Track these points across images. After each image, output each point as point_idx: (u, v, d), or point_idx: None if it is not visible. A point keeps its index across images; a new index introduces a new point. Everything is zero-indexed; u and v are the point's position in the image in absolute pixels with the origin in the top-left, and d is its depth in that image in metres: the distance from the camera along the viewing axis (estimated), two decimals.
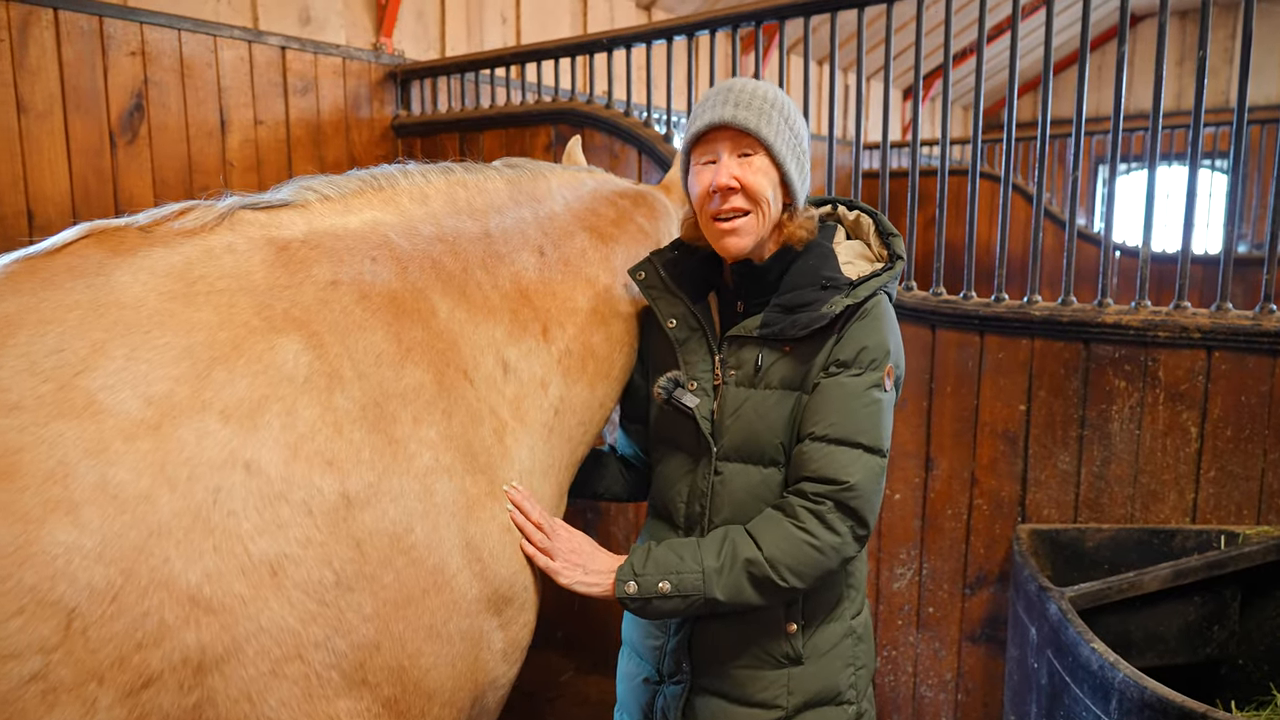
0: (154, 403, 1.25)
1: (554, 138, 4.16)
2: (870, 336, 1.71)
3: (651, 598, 1.66)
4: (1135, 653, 2.40)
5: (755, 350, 1.78)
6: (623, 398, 2.07)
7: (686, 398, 1.81)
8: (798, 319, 1.71)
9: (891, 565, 3.18)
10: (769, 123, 1.71)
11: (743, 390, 1.78)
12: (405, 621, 1.40)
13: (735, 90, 1.74)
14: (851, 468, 1.65)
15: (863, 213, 1.92)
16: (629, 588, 1.66)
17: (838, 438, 1.67)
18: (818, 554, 1.64)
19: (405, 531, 1.41)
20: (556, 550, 1.67)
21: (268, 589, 1.27)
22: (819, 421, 1.69)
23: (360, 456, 1.39)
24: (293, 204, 1.60)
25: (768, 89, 1.76)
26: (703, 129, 1.73)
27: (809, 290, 1.74)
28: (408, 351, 1.53)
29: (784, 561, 1.64)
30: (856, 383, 1.69)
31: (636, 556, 1.71)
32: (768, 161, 1.73)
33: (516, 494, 1.64)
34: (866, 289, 1.73)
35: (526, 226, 1.91)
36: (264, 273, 1.45)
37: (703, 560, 1.66)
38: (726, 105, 1.71)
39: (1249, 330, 2.48)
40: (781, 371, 1.76)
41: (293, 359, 1.39)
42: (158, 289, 1.35)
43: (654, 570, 1.67)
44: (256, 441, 1.30)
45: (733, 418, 1.78)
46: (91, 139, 3.60)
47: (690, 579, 1.65)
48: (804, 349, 1.74)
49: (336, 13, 4.61)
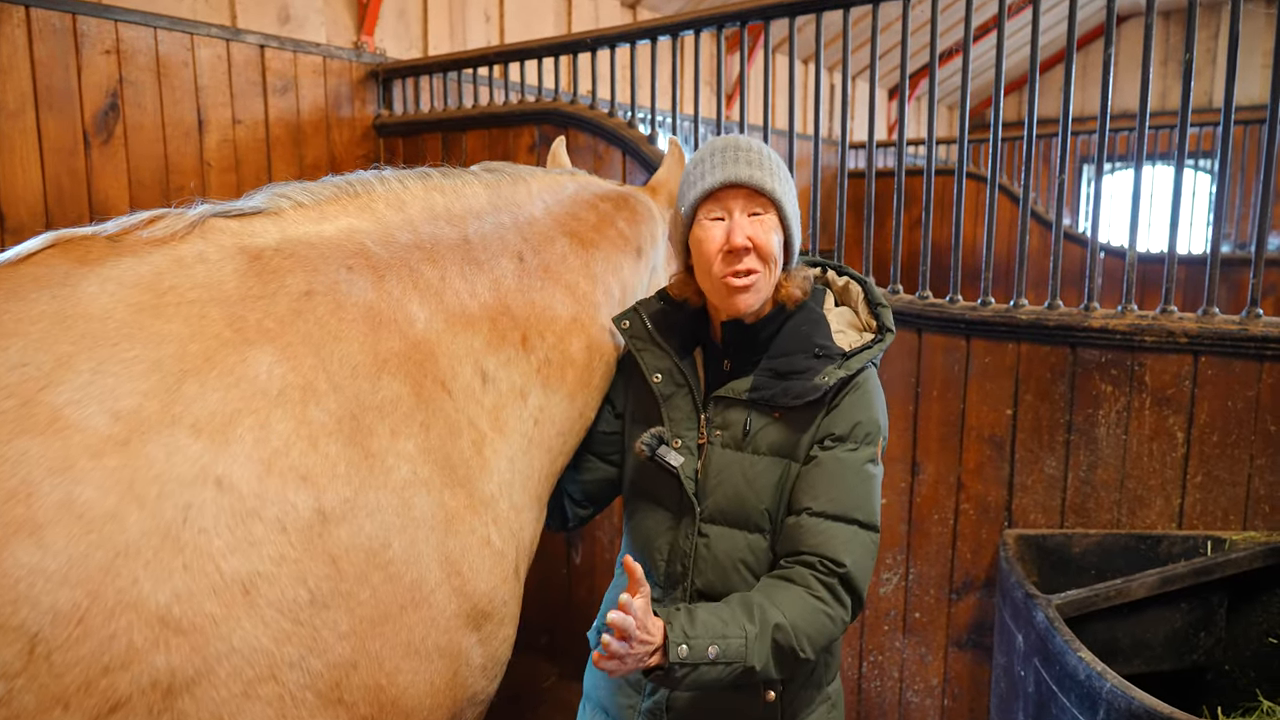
0: (122, 418, 1.21)
1: (537, 138, 4.12)
2: (864, 411, 1.71)
3: (700, 663, 1.51)
4: (1122, 660, 2.39)
5: (743, 413, 1.75)
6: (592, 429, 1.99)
7: (671, 456, 1.77)
8: (790, 387, 1.69)
9: (878, 570, 3.17)
10: (780, 182, 1.72)
11: (729, 453, 1.75)
12: (382, 639, 1.37)
13: (743, 148, 1.73)
14: (851, 545, 1.65)
15: (851, 279, 1.91)
16: (681, 650, 1.49)
17: (836, 514, 1.66)
18: (831, 624, 1.63)
19: (382, 547, 1.38)
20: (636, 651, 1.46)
21: (240, 608, 1.23)
22: (818, 496, 1.67)
23: (336, 471, 1.36)
24: (266, 211, 1.56)
25: (768, 149, 1.77)
26: (715, 186, 1.71)
27: (800, 357, 1.73)
28: (384, 363, 1.50)
29: (806, 632, 1.60)
30: (854, 458, 1.69)
31: (681, 618, 1.54)
32: (776, 221, 1.73)
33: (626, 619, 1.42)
34: (859, 361, 1.72)
35: (506, 232, 1.88)
36: (236, 283, 1.41)
37: (743, 626, 1.55)
38: (739, 164, 1.70)
39: (1235, 335, 2.47)
40: (771, 438, 1.73)
41: (266, 371, 1.35)
42: (126, 300, 1.31)
43: (704, 634, 1.52)
44: (228, 457, 1.27)
45: (717, 480, 1.75)
46: (65, 139, 3.53)
47: (735, 644, 1.53)
48: (794, 417, 1.72)
49: (316, 10, 4.56)
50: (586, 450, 2.01)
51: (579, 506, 2.03)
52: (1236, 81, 2.57)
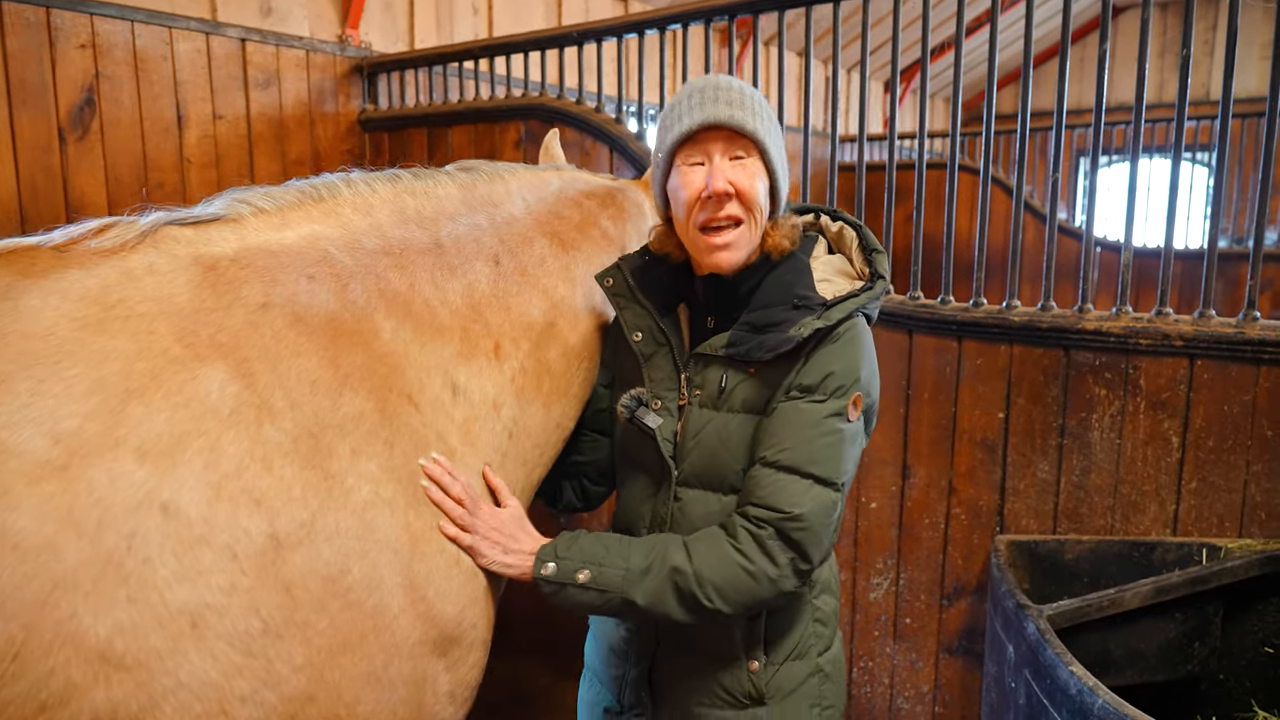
0: (61, 441, 1.15)
1: (523, 134, 4.05)
2: (838, 361, 1.60)
3: (567, 584, 1.56)
4: (1115, 671, 2.34)
5: (720, 370, 1.67)
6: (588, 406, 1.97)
7: (649, 417, 1.71)
8: (764, 340, 1.60)
9: (868, 575, 3.12)
10: (763, 122, 1.60)
11: (706, 412, 1.68)
12: (342, 669, 1.31)
13: (723, 88, 1.61)
14: (801, 498, 1.55)
15: (846, 225, 1.79)
16: (546, 569, 1.57)
17: (789, 465, 1.56)
18: (751, 580, 1.54)
19: (341, 573, 1.32)
20: (477, 527, 1.55)
21: (187, 641, 1.17)
22: (772, 446, 1.58)
23: (291, 494, 1.30)
24: (225, 218, 1.49)
25: (751, 88, 1.65)
26: (693, 128, 1.59)
27: (779, 309, 1.62)
28: (346, 378, 1.43)
29: (712, 580, 1.54)
30: (816, 410, 1.58)
31: (562, 540, 1.61)
32: (761, 165, 1.62)
33: (435, 468, 1.52)
34: (840, 311, 1.61)
35: (482, 234, 1.80)
36: (189, 295, 1.34)
37: (629, 559, 1.57)
38: (719, 104, 1.58)
39: (1232, 338, 2.42)
40: (744, 394, 1.65)
41: (218, 389, 1.29)
42: (69, 315, 1.24)
43: (577, 556, 1.58)
44: (175, 481, 1.20)
45: (694, 441, 1.68)
46: (39, 135, 3.46)
47: (612, 574, 1.56)
48: (770, 371, 1.63)
49: (299, 3, 4.48)
50: (589, 429, 1.97)
51: (595, 484, 2.00)
52: (1234, 75, 2.51)
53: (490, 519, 1.58)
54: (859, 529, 3.11)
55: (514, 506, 1.66)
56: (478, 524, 1.56)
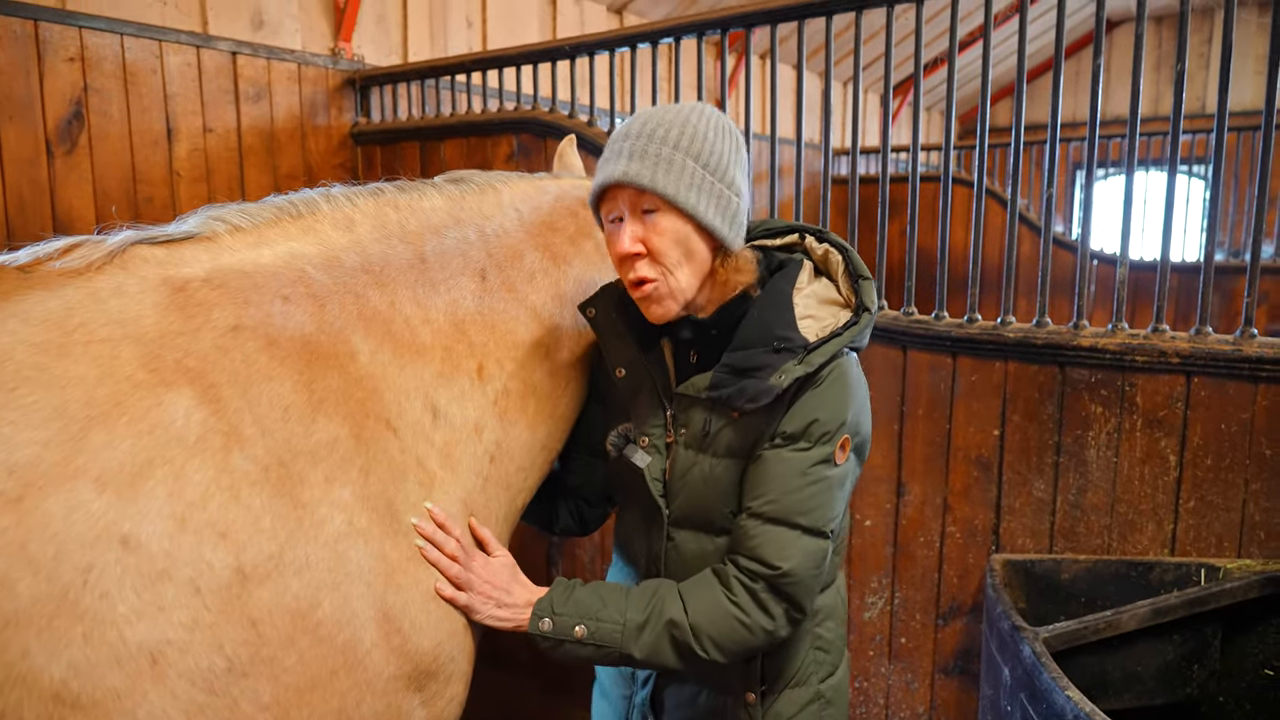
0: (16, 472, 1.11)
1: (516, 147, 4.02)
2: (823, 408, 1.54)
3: (565, 640, 1.54)
4: (1113, 694, 2.30)
5: (704, 413, 1.62)
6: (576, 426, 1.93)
7: (637, 455, 1.67)
8: (745, 387, 1.53)
9: (863, 594, 3.07)
10: (669, 171, 1.50)
11: (691, 454, 1.64)
12: (310, 708, 1.27)
13: (634, 134, 1.53)
14: (788, 550, 1.51)
15: (832, 248, 1.69)
16: (543, 624, 1.55)
17: (775, 516, 1.52)
18: (746, 632, 1.52)
19: (311, 607, 1.28)
20: (472, 583, 1.53)
21: (146, 680, 1.13)
22: (758, 496, 1.54)
23: (259, 525, 1.25)
24: (198, 237, 1.45)
25: (677, 121, 1.54)
26: (600, 187, 1.56)
27: (760, 351, 1.55)
28: (320, 403, 1.39)
29: (708, 632, 1.51)
30: (802, 459, 1.53)
31: (558, 592, 1.58)
32: (676, 218, 1.53)
33: (427, 525, 1.48)
34: (822, 355, 1.54)
35: (470, 247, 1.74)
36: (155, 318, 1.30)
37: (626, 613, 1.54)
38: (621, 158, 1.52)
39: (1229, 355, 2.38)
40: (728, 439, 1.60)
41: (183, 416, 1.25)
42: (28, 339, 1.20)
43: (573, 611, 1.55)
44: (137, 512, 1.16)
45: (681, 482, 1.64)
46: (26, 149, 3.42)
47: (609, 629, 1.53)
48: (753, 417, 1.58)
49: (291, 16, 4.45)
50: (582, 452, 1.93)
51: (592, 507, 1.97)
52: (1229, 90, 2.48)
53: (483, 571, 1.56)
54: (853, 547, 3.07)
55: (504, 556, 1.63)
56: (472, 579, 1.53)
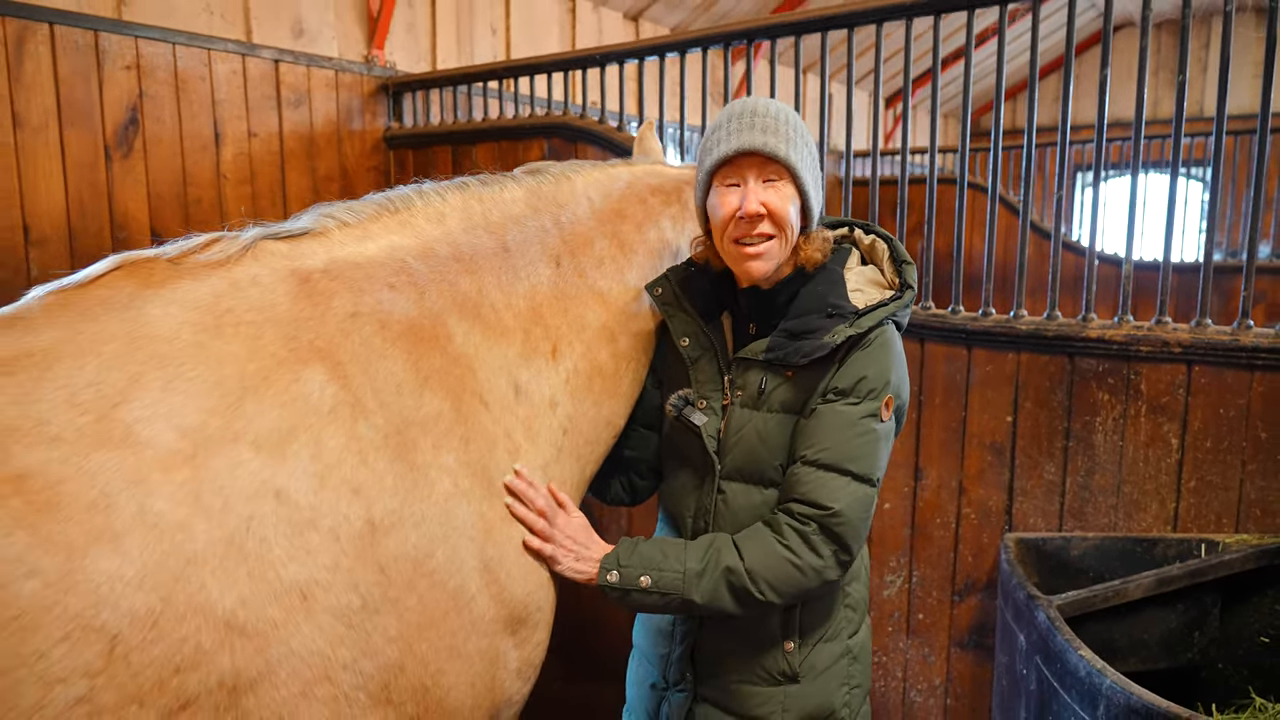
0: (188, 434, 1.30)
1: (546, 151, 4.20)
2: (870, 366, 1.74)
3: (631, 590, 1.72)
4: (1119, 658, 2.47)
5: (760, 373, 1.81)
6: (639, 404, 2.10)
7: (695, 416, 1.86)
8: (800, 346, 1.74)
9: (882, 573, 3.25)
10: (795, 148, 1.73)
11: (747, 412, 1.82)
12: (428, 642, 1.45)
13: (760, 114, 1.74)
14: (840, 494, 1.69)
15: (878, 238, 1.93)
16: (611, 576, 1.72)
17: (829, 463, 1.70)
18: (798, 573, 1.69)
19: (427, 556, 1.46)
20: (555, 537, 1.72)
21: (299, 613, 1.32)
22: (812, 446, 1.72)
23: (384, 484, 1.44)
24: (313, 232, 1.64)
25: (788, 112, 1.78)
26: (729, 153, 1.73)
27: (815, 317, 1.76)
28: (426, 379, 1.58)
29: (763, 575, 1.68)
30: (853, 411, 1.72)
31: (624, 547, 1.76)
32: (792, 188, 1.75)
33: (519, 483, 1.68)
34: (871, 319, 1.75)
35: (546, 235, 1.91)
36: (288, 305, 1.49)
37: (685, 562, 1.72)
38: (754, 130, 1.72)
39: (1227, 345, 2.56)
40: (783, 396, 1.79)
41: (318, 390, 1.43)
42: (189, 322, 1.39)
43: (638, 563, 1.73)
44: (286, 471, 1.35)
45: (736, 438, 1.82)
46: (86, 153, 3.61)
47: (670, 578, 1.70)
48: (806, 375, 1.77)
49: (329, 25, 4.64)
50: (638, 425, 2.10)
51: (643, 479, 2.14)
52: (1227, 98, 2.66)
53: (566, 528, 1.75)
54: (873, 529, 3.25)
55: (580, 517, 1.82)
56: (555, 534, 1.72)
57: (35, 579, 1.12)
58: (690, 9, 7.66)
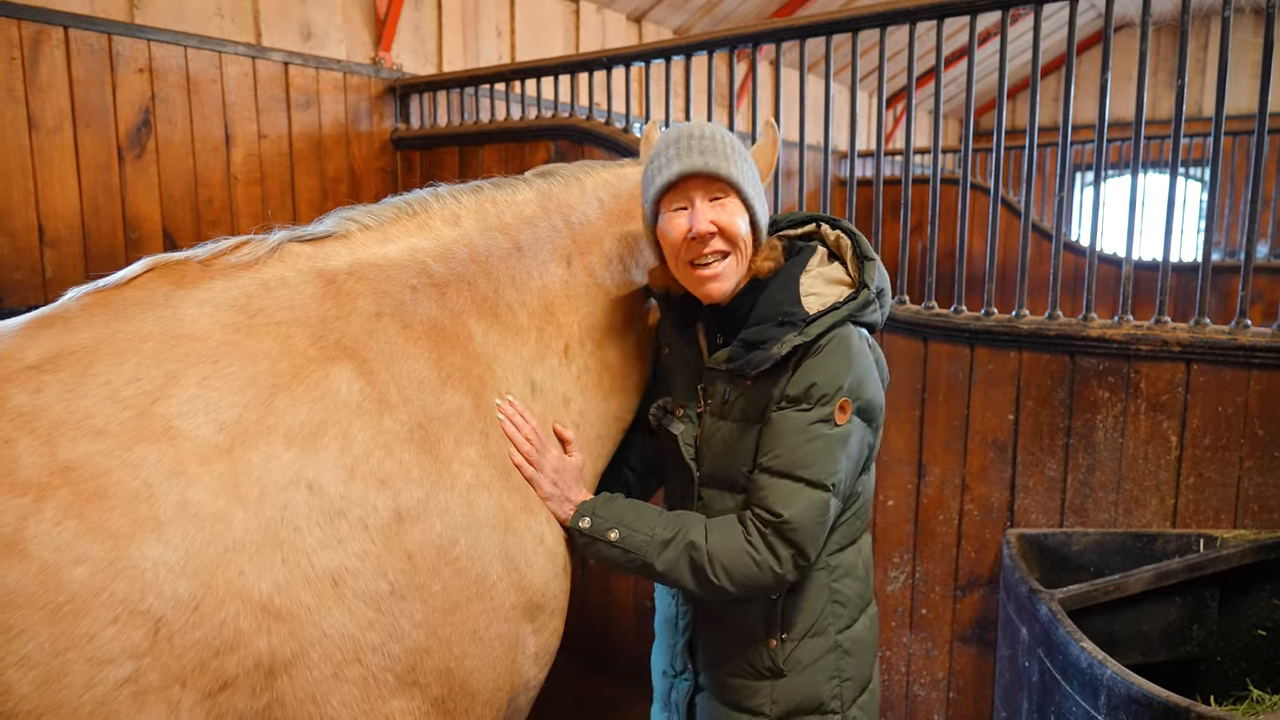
0: (225, 428, 1.35)
1: (553, 153, 4.25)
2: (820, 373, 1.74)
3: (598, 539, 1.77)
4: (1120, 651, 2.52)
5: (724, 383, 1.86)
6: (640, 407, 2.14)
7: (674, 424, 1.92)
8: (751, 358, 1.76)
9: (885, 569, 3.31)
10: (736, 165, 1.76)
11: (715, 420, 1.88)
12: (452, 627, 1.50)
13: (697, 137, 1.77)
14: (791, 500, 1.71)
15: (843, 232, 1.93)
16: (583, 522, 1.78)
17: (781, 470, 1.73)
18: (755, 568, 1.71)
19: (451, 544, 1.52)
20: (542, 465, 1.76)
21: (330, 598, 1.37)
22: (767, 453, 1.76)
23: (410, 475, 1.49)
24: (336, 235, 1.69)
25: (723, 132, 1.81)
26: (673, 178, 1.76)
27: (769, 326, 1.78)
28: (447, 377, 1.63)
29: (721, 560, 1.71)
30: (802, 418, 1.74)
31: (602, 499, 1.83)
32: (738, 202, 1.78)
33: (510, 408, 1.73)
34: (819, 326, 1.76)
35: (558, 235, 1.96)
36: (316, 305, 1.54)
37: (655, 528, 1.77)
38: (694, 153, 1.75)
39: (1225, 344, 2.62)
40: (742, 404, 1.83)
41: (346, 386, 1.49)
42: (222, 321, 1.44)
43: (611, 517, 1.79)
44: (317, 463, 1.40)
45: (708, 446, 1.88)
46: (100, 154, 3.66)
47: (638, 539, 1.76)
48: (761, 384, 1.80)
49: (336, 28, 4.69)
50: (636, 427, 2.14)
51: (640, 478, 2.19)
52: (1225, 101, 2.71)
53: (555, 461, 1.79)
54: (877, 525, 3.30)
55: (577, 459, 1.86)
56: (543, 462, 1.77)
57: (84, 565, 1.18)
58: (692, 11, 7.72)
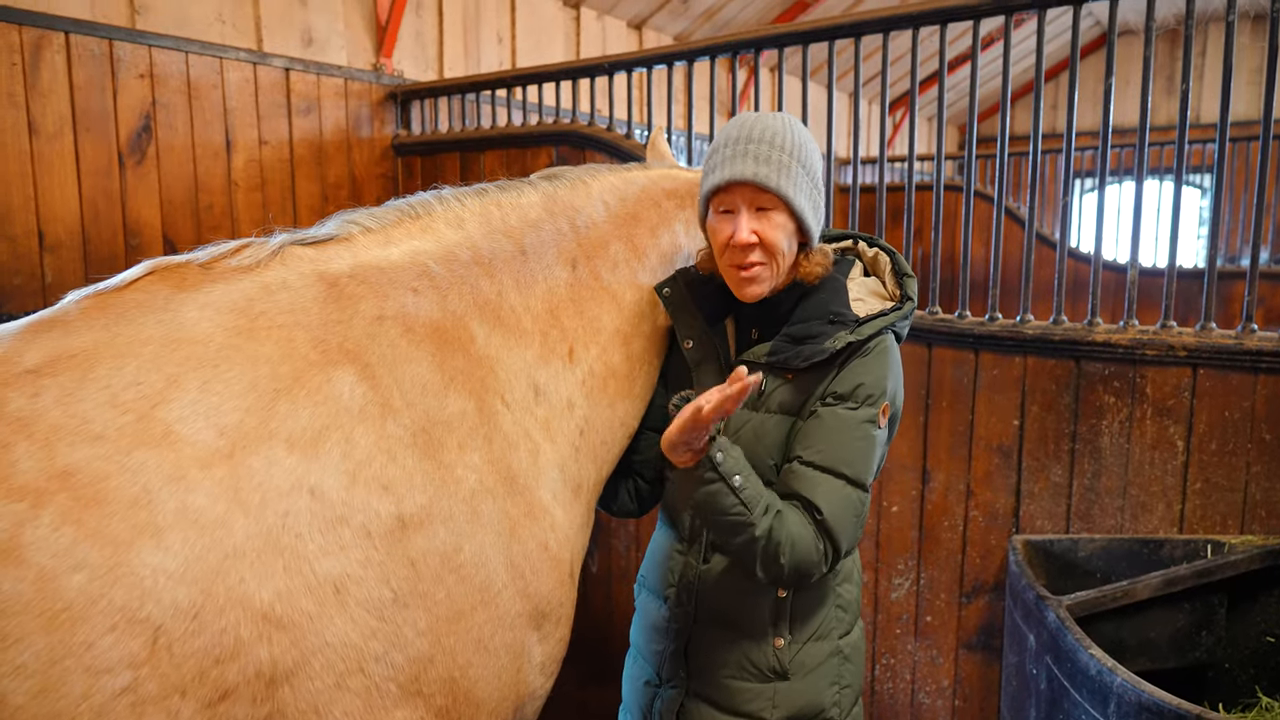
0: (226, 433, 1.33)
1: (555, 159, 4.24)
2: (869, 374, 1.76)
3: (726, 479, 1.64)
4: (1128, 658, 2.50)
5: (761, 376, 1.83)
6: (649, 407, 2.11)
7: None
8: (802, 350, 1.77)
9: (890, 575, 3.29)
10: (788, 176, 1.74)
11: (745, 413, 1.86)
12: (456, 635, 1.48)
13: (755, 139, 1.75)
14: (831, 495, 1.71)
15: (881, 250, 1.98)
16: (717, 456, 1.63)
17: (824, 465, 1.73)
18: (812, 552, 1.69)
19: (455, 551, 1.50)
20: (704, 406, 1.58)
21: (332, 606, 1.35)
22: (809, 447, 1.75)
23: (413, 481, 1.48)
24: (338, 238, 1.67)
25: (787, 134, 1.77)
26: (720, 183, 1.76)
27: (817, 324, 1.80)
28: (450, 380, 1.61)
29: (792, 538, 1.67)
30: (851, 416, 1.75)
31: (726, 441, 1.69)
32: (785, 215, 1.77)
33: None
34: (871, 327, 1.78)
35: (563, 239, 1.94)
36: (318, 309, 1.52)
37: (764, 490, 1.69)
38: (747, 159, 1.73)
39: (1231, 349, 2.60)
40: (781, 397, 1.83)
41: (348, 390, 1.47)
42: (223, 325, 1.42)
43: (740, 464, 1.67)
44: (319, 468, 1.38)
45: (734, 436, 1.85)
46: (101, 160, 3.65)
47: (754, 494, 1.66)
48: (805, 378, 1.80)
49: (338, 34, 4.69)
50: (646, 427, 2.10)
51: (649, 484, 2.14)
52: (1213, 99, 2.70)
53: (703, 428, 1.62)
54: (881, 531, 3.28)
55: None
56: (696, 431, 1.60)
57: (82, 572, 1.16)
58: (693, 17, 7.72)
